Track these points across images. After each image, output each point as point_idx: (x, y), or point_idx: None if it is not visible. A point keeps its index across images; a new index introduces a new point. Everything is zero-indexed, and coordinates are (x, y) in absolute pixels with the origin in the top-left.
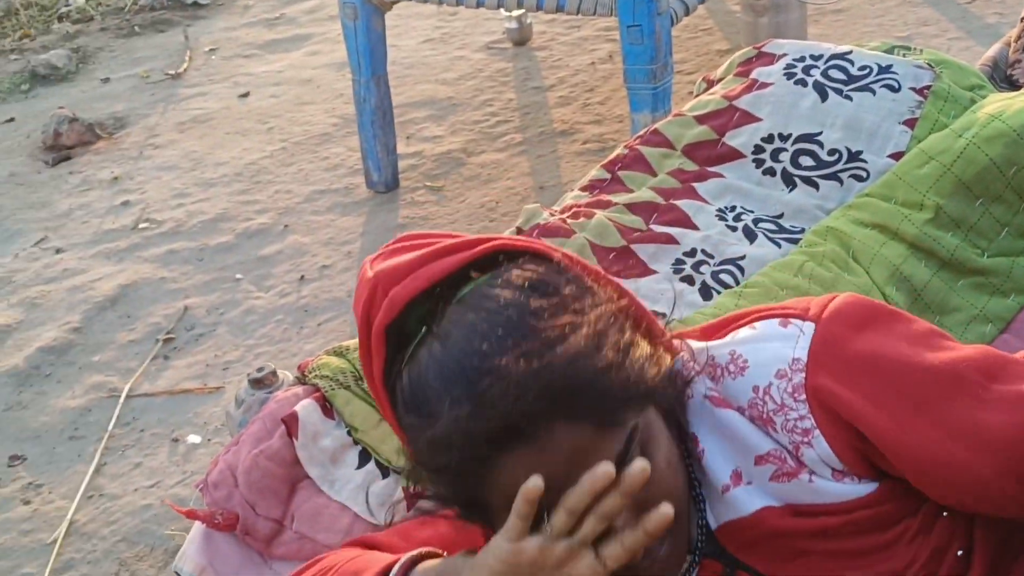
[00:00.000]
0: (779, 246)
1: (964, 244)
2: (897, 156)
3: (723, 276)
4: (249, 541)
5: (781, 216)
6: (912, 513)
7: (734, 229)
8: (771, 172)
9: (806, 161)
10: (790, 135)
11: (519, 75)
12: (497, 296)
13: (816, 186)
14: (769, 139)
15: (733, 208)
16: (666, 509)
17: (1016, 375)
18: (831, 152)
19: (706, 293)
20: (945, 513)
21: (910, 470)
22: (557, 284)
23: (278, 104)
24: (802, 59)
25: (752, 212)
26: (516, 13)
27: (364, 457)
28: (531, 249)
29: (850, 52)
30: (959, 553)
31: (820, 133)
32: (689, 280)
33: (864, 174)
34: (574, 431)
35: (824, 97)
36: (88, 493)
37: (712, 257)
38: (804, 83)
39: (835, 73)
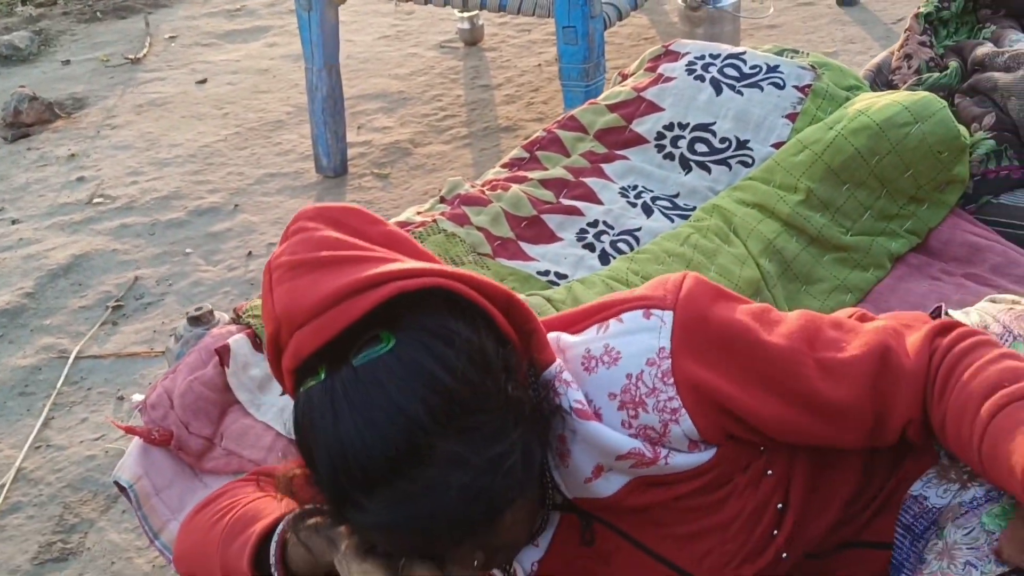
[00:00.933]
0: (672, 221)
1: (831, 223)
2: (779, 145)
3: (620, 244)
4: (182, 455)
5: (677, 195)
6: (742, 470)
7: (634, 205)
8: (671, 157)
9: (701, 148)
10: (688, 124)
11: (469, 73)
12: (387, 390)
13: (709, 170)
14: (670, 127)
15: (635, 187)
16: None
17: (829, 341)
18: (722, 140)
19: (604, 259)
20: (770, 472)
21: (770, 432)
22: (445, 383)
23: (234, 91)
24: (702, 57)
25: (652, 191)
26: (468, 15)
27: None
28: (433, 286)
29: (744, 52)
30: (779, 507)
31: (714, 123)
32: (590, 247)
33: (750, 160)
34: (427, 541)
35: (719, 91)
36: (36, 444)
37: (612, 228)
38: (702, 79)
39: (729, 71)
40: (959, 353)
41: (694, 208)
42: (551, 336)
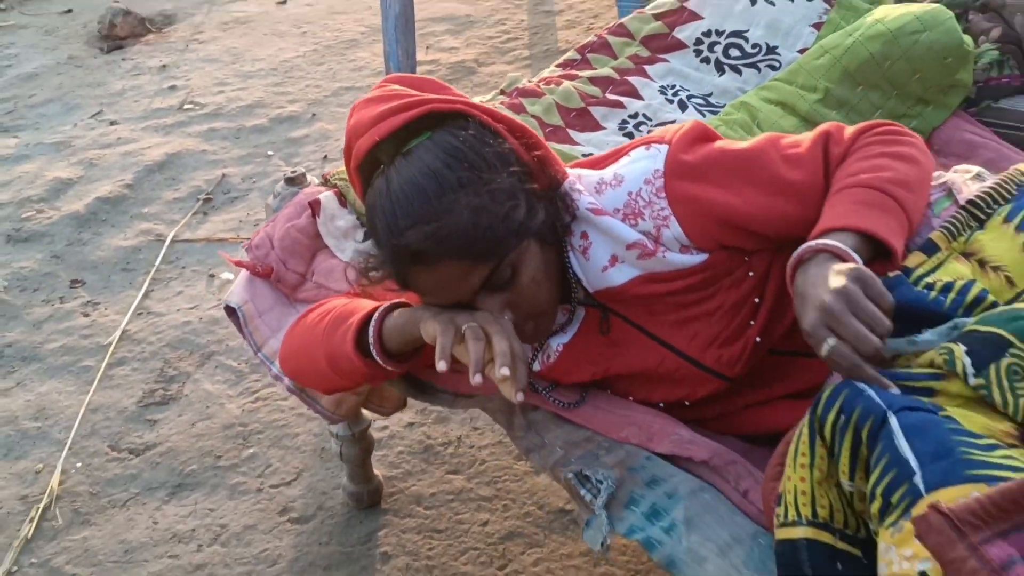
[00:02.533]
0: (704, 116)
1: (845, 121)
2: (804, 51)
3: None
4: (280, 287)
5: (710, 95)
6: (728, 274)
7: (671, 102)
8: (707, 60)
9: (734, 52)
10: (724, 31)
11: (533, 7)
12: (421, 160)
13: (740, 72)
14: (708, 34)
15: (673, 87)
16: (503, 372)
17: (788, 143)
18: (754, 46)
19: None
20: (751, 273)
21: (754, 224)
22: (465, 153)
23: (313, 12)
24: None
25: (688, 90)
26: None
27: (367, 235)
28: (459, 110)
29: None
30: (755, 300)
31: (748, 31)
32: (630, 136)
33: (777, 64)
34: (456, 264)
35: (754, 2)
36: (138, 311)
37: (650, 120)
38: None
39: None
40: (872, 137)
41: (724, 106)
42: (576, 172)
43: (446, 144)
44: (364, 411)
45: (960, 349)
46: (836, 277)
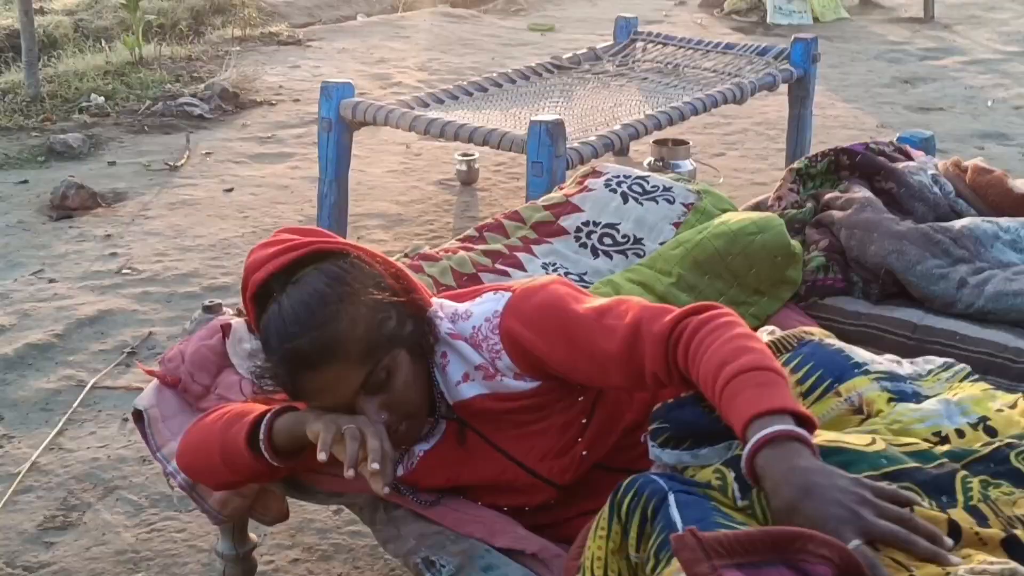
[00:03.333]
0: None
1: (693, 303)
2: (664, 243)
3: None
4: (185, 396)
5: (585, 274)
6: (559, 400)
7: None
8: (584, 246)
9: (607, 241)
10: (600, 223)
11: (460, 206)
12: (307, 284)
13: (611, 257)
14: (586, 224)
15: (554, 264)
16: (374, 467)
17: (615, 315)
18: (624, 236)
19: None
20: (581, 398)
21: (570, 375)
22: (346, 280)
23: (256, 200)
24: (617, 176)
25: (566, 268)
26: (466, 159)
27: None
28: (341, 248)
29: (648, 176)
30: (583, 421)
31: (619, 224)
32: None
33: (642, 253)
34: (338, 366)
35: (626, 201)
36: (50, 446)
37: None
38: (615, 191)
39: (636, 187)
40: (697, 325)
41: (594, 283)
42: (439, 301)
43: (329, 271)
44: (251, 535)
45: (731, 475)
46: (844, 481)
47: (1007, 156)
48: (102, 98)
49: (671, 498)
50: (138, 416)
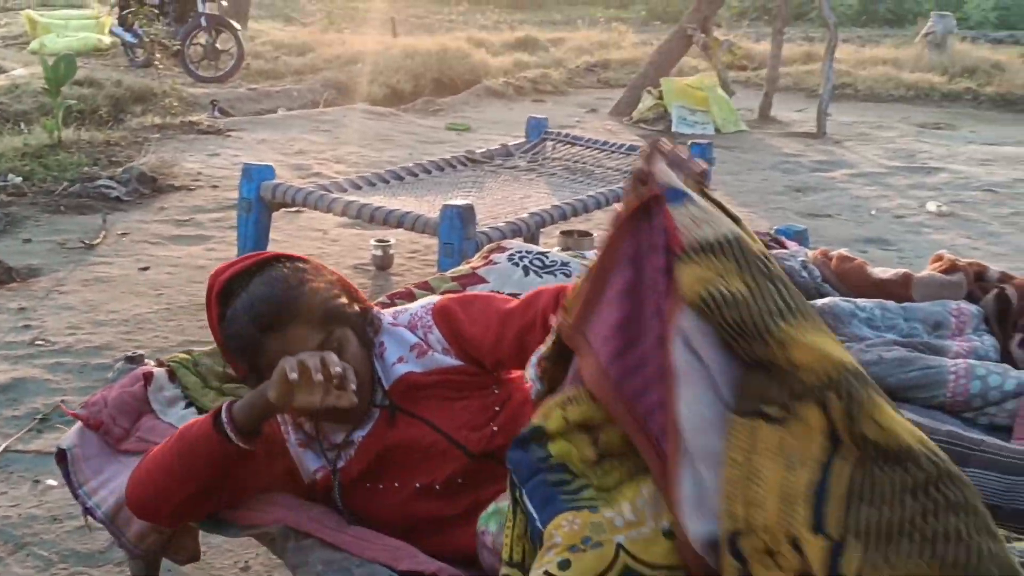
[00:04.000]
0: None
1: None
2: None
3: None
4: (107, 438)
5: None
6: (479, 388)
7: None
8: None
9: None
10: (503, 293)
11: (375, 290)
12: (270, 272)
13: None
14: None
15: None
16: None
17: (529, 301)
18: None
19: None
20: (497, 391)
21: (482, 347)
22: (304, 269)
23: (172, 279)
24: (520, 251)
25: None
26: (382, 244)
27: (188, 405)
28: (293, 256)
29: (549, 252)
30: (496, 409)
31: (520, 294)
32: None
33: None
34: (300, 328)
35: (527, 274)
36: None
37: None
38: (517, 264)
39: (536, 262)
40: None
41: None
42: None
43: (288, 264)
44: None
45: None
46: None
47: (887, 259)
48: (19, 178)
49: (523, 491)
50: (61, 456)
